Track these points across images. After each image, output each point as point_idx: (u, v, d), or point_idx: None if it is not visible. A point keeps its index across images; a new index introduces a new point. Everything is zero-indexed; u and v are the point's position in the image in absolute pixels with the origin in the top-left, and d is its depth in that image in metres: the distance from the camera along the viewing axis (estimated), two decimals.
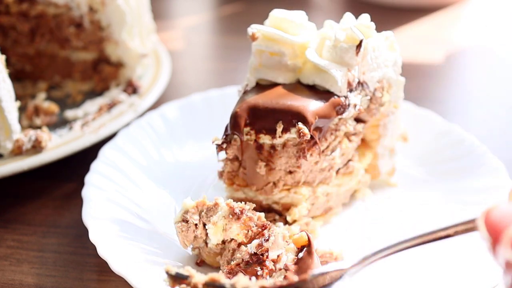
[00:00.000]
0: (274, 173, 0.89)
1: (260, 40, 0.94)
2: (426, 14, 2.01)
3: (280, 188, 0.91)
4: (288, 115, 0.85)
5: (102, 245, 0.85)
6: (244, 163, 0.90)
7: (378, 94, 0.97)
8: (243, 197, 0.94)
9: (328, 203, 0.99)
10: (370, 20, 0.95)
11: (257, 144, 0.88)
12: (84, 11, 1.34)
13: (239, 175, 0.92)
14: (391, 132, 1.05)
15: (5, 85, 1.05)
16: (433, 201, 1.02)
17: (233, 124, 0.88)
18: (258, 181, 0.90)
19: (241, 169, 0.91)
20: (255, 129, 0.87)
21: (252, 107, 0.88)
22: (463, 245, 0.89)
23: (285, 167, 0.89)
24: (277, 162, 0.88)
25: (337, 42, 0.90)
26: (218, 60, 1.75)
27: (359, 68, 0.92)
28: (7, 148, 1.08)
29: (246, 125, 0.87)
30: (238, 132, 0.87)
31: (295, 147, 0.87)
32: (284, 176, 0.90)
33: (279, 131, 0.85)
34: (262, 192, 0.91)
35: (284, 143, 0.87)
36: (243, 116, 0.87)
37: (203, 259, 0.87)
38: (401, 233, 0.95)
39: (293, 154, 0.88)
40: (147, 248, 0.88)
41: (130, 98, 1.31)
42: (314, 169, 0.92)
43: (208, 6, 2.21)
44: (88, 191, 0.97)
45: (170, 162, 1.13)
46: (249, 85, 0.95)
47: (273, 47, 0.93)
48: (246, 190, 0.93)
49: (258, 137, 0.87)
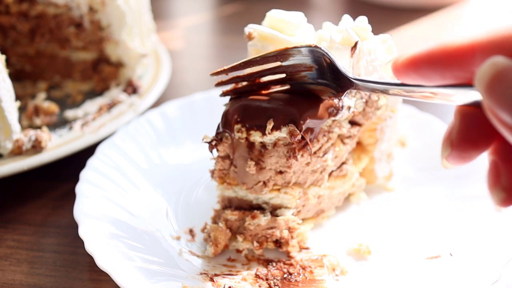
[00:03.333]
0: (264, 173, 0.89)
1: (256, 39, 0.94)
2: (426, 14, 2.01)
3: (270, 188, 0.90)
4: (280, 114, 0.85)
5: (90, 241, 0.85)
6: (235, 161, 0.90)
7: (374, 97, 0.97)
8: (233, 196, 0.94)
9: (320, 205, 0.98)
10: (368, 21, 0.95)
11: (248, 142, 0.88)
12: (84, 11, 1.34)
13: (230, 173, 0.92)
14: (389, 137, 1.05)
15: (5, 85, 1.05)
16: (431, 206, 1.02)
17: (224, 121, 0.88)
18: (249, 180, 0.90)
19: (232, 167, 0.91)
20: (246, 126, 0.86)
21: (244, 106, 0.88)
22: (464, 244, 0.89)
23: (275, 167, 0.88)
24: (267, 162, 0.88)
25: (332, 43, 0.90)
26: (218, 60, 1.75)
27: (354, 70, 0.92)
28: (7, 148, 1.08)
29: (237, 122, 0.87)
30: (229, 130, 0.87)
31: (286, 147, 0.87)
32: (274, 176, 0.89)
33: (269, 128, 0.84)
34: (252, 191, 0.91)
35: (275, 143, 0.87)
36: (235, 114, 0.87)
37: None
38: (394, 237, 0.96)
39: (284, 154, 0.87)
40: (136, 246, 0.88)
41: (130, 98, 1.31)
42: (306, 170, 0.91)
43: (208, 6, 2.21)
44: (81, 187, 0.97)
45: (166, 161, 1.13)
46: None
47: (269, 47, 0.93)
48: (236, 188, 0.93)
49: (249, 133, 0.87)
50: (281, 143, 0.87)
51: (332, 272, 0.88)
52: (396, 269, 0.88)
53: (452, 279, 0.83)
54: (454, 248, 0.89)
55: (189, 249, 0.93)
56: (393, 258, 0.90)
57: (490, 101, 0.51)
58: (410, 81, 0.62)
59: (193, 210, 1.02)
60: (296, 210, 0.94)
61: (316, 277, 0.87)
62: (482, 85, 0.51)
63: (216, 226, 0.92)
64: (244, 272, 0.88)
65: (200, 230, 0.96)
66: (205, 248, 0.93)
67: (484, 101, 0.52)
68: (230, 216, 0.92)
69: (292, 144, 0.86)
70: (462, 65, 0.57)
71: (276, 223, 0.91)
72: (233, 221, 0.92)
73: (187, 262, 0.89)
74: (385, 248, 0.93)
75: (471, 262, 0.85)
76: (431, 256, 0.89)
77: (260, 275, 0.87)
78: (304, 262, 0.90)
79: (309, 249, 0.94)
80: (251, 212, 0.91)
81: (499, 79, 0.50)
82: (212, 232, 0.91)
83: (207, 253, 0.91)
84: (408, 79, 0.62)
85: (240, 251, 0.92)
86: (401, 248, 0.92)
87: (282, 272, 0.88)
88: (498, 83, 0.50)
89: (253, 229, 0.91)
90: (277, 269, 0.89)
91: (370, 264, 0.90)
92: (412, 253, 0.91)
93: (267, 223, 0.91)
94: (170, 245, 0.92)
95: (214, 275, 0.86)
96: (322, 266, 0.89)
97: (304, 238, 0.95)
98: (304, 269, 0.89)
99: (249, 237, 0.92)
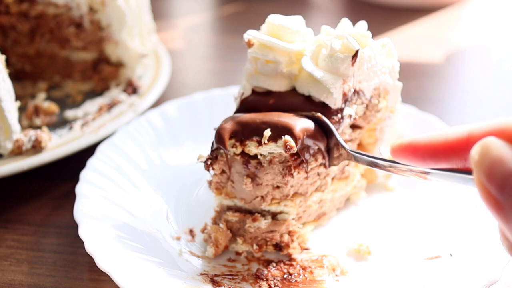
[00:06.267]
0: (261, 188, 0.88)
1: (256, 47, 0.93)
2: (426, 14, 2.01)
3: (269, 202, 0.90)
4: (277, 126, 0.84)
5: (90, 241, 0.85)
6: (232, 177, 0.90)
7: (374, 101, 0.97)
8: (232, 205, 0.94)
9: (321, 209, 0.98)
10: (368, 22, 0.94)
11: (243, 159, 0.87)
12: (84, 11, 1.34)
13: (227, 187, 0.92)
14: (388, 136, 1.05)
15: (5, 85, 1.05)
16: (431, 206, 1.01)
17: (217, 138, 0.86)
18: (246, 195, 0.90)
19: (229, 182, 0.91)
20: (241, 140, 0.85)
21: (238, 122, 0.86)
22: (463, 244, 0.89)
23: (272, 183, 0.88)
24: (263, 178, 0.87)
25: (332, 51, 0.89)
26: (218, 60, 1.75)
27: (355, 78, 0.91)
28: (7, 148, 1.08)
29: (231, 138, 0.86)
30: (223, 146, 0.86)
31: (281, 165, 0.86)
32: (272, 191, 0.89)
33: (266, 137, 0.83)
34: (251, 205, 0.91)
35: (270, 160, 0.85)
36: (228, 129, 0.85)
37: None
38: (394, 237, 0.96)
39: (279, 171, 0.86)
40: (136, 246, 0.88)
41: (130, 98, 1.31)
42: (305, 183, 0.91)
43: (208, 6, 2.21)
44: (81, 188, 0.97)
45: (166, 161, 1.14)
46: (245, 93, 0.94)
47: (269, 55, 0.92)
48: (235, 200, 0.93)
49: (245, 144, 0.85)
50: (276, 160, 0.85)
51: (332, 272, 0.88)
52: (396, 269, 0.88)
53: (452, 279, 0.83)
54: (454, 248, 0.89)
55: (189, 250, 0.93)
56: (393, 258, 0.90)
57: (479, 174, 0.54)
58: (405, 162, 0.67)
59: (193, 210, 1.02)
60: (297, 216, 0.94)
61: (316, 278, 0.87)
62: (473, 161, 0.55)
63: (217, 227, 0.92)
64: (244, 272, 0.88)
65: (200, 231, 0.96)
66: (205, 248, 0.93)
67: (474, 174, 0.55)
68: (231, 218, 0.92)
69: (288, 161, 0.85)
70: (458, 154, 0.62)
71: (277, 226, 0.91)
72: (234, 222, 0.92)
73: (187, 262, 0.89)
74: (385, 248, 0.93)
75: (471, 262, 0.85)
76: (431, 256, 0.89)
77: (260, 275, 0.87)
78: (304, 262, 0.90)
79: (309, 249, 0.94)
80: (251, 215, 0.91)
81: (492, 159, 0.53)
82: (213, 233, 0.91)
83: (207, 254, 0.91)
84: (404, 161, 0.67)
85: (240, 254, 0.92)
86: (401, 248, 0.92)
87: (282, 273, 0.88)
88: (487, 160, 0.54)
89: (253, 232, 0.91)
90: (277, 270, 0.89)
91: (370, 264, 0.90)
92: (412, 253, 0.91)
93: (267, 226, 0.90)
94: (170, 246, 0.92)
95: (214, 275, 0.86)
96: (322, 266, 0.90)
97: (305, 239, 0.95)
98: (304, 269, 0.89)
99: (249, 239, 0.92)
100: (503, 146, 0.54)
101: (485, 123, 0.60)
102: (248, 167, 0.87)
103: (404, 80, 1.08)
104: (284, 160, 0.85)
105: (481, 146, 0.55)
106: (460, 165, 0.62)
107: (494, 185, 0.52)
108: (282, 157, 0.85)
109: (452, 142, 0.62)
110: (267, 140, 0.83)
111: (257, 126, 0.85)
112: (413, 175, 0.69)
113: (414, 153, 0.65)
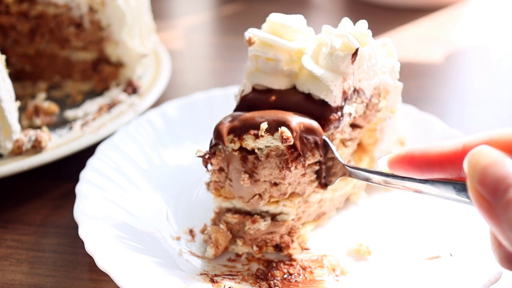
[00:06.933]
0: (258, 185, 0.88)
1: (257, 45, 0.94)
2: (426, 14, 2.01)
3: (267, 201, 0.90)
4: (274, 121, 0.85)
5: (90, 241, 0.85)
6: (230, 175, 0.90)
7: (374, 101, 0.97)
8: (231, 207, 0.94)
9: (321, 209, 0.98)
10: (368, 21, 0.95)
11: (241, 154, 0.87)
12: (84, 11, 1.34)
13: (225, 187, 0.92)
14: (389, 136, 1.05)
15: (5, 85, 1.05)
16: (431, 206, 1.01)
17: (216, 134, 0.87)
18: (244, 194, 0.90)
19: (227, 181, 0.91)
20: (238, 135, 0.86)
21: (235, 117, 0.87)
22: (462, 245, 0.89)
23: (270, 179, 0.88)
24: (261, 173, 0.87)
25: (333, 50, 0.89)
26: (218, 60, 1.75)
27: (355, 76, 0.91)
28: (7, 148, 1.08)
29: (229, 133, 0.86)
30: (221, 142, 0.86)
31: (278, 158, 0.86)
32: (270, 188, 0.89)
33: (262, 130, 0.83)
34: (249, 204, 0.91)
35: (268, 154, 0.86)
36: (226, 125, 0.86)
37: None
38: (394, 237, 0.96)
39: (277, 165, 0.86)
40: (136, 246, 0.88)
41: (130, 98, 1.31)
42: (302, 181, 0.91)
43: (208, 6, 2.21)
44: (81, 188, 0.97)
45: (166, 161, 1.14)
46: (245, 90, 0.95)
47: (269, 53, 0.93)
48: (234, 201, 0.93)
49: (242, 139, 0.86)
50: (273, 154, 0.86)
51: (332, 272, 0.88)
52: (396, 269, 0.88)
53: (452, 279, 0.83)
54: (454, 248, 0.89)
55: (189, 250, 0.93)
56: (393, 258, 0.90)
57: (473, 180, 0.57)
58: (402, 174, 0.70)
59: (193, 210, 1.02)
60: (297, 217, 0.94)
61: (316, 278, 0.87)
62: (467, 167, 0.58)
63: (217, 227, 0.92)
64: (244, 272, 0.88)
65: (200, 231, 0.96)
66: (205, 248, 0.93)
67: (468, 180, 0.57)
68: (230, 219, 0.92)
69: (285, 155, 0.85)
70: (454, 164, 0.64)
71: (276, 228, 0.91)
72: (233, 224, 0.92)
73: (187, 262, 0.89)
74: (385, 248, 0.93)
75: (471, 262, 0.85)
76: (431, 256, 0.89)
77: (260, 275, 0.87)
78: (304, 262, 0.90)
79: (309, 249, 0.94)
80: (251, 216, 0.91)
81: (484, 165, 0.56)
82: (213, 234, 0.91)
83: (207, 255, 0.91)
84: (401, 172, 0.69)
85: (240, 255, 0.92)
86: (401, 248, 0.92)
87: (282, 273, 0.88)
88: (479, 166, 0.56)
89: (253, 234, 0.91)
90: (277, 270, 0.89)
91: (370, 264, 0.90)
92: (412, 253, 0.91)
93: (267, 228, 0.90)
94: (170, 246, 0.92)
95: (214, 275, 0.86)
96: (322, 266, 0.90)
97: (305, 239, 0.95)
98: (304, 269, 0.89)
99: (249, 241, 0.92)
100: (495, 152, 0.57)
101: (480, 134, 0.63)
102: (246, 163, 0.87)
103: (404, 80, 1.08)
104: (281, 154, 0.86)
105: (474, 153, 0.58)
106: (455, 175, 0.65)
107: (486, 188, 0.55)
108: (279, 151, 0.86)
109: (448, 153, 0.64)
110: (264, 133, 0.84)
111: (255, 121, 0.86)
112: (408, 190, 0.71)
113: (411, 163, 0.67)
